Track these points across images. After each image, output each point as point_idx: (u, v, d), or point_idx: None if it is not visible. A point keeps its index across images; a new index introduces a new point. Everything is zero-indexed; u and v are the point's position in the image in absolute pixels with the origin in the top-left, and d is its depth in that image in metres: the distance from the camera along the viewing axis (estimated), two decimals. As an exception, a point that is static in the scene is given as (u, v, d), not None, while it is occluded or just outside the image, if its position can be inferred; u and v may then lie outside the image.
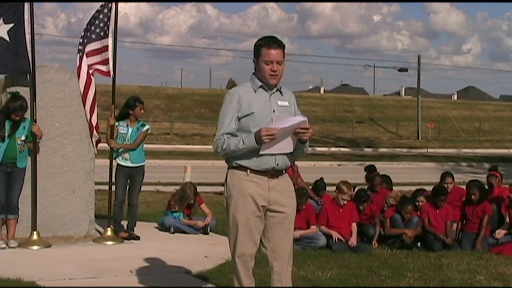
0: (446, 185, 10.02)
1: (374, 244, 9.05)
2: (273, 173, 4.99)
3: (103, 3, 8.74)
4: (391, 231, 9.17)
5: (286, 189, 5.09)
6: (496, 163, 17.54)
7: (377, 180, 10.15)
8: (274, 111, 4.97)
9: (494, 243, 9.36)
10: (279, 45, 4.97)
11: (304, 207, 8.67)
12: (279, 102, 5.03)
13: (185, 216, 9.78)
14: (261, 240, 5.04)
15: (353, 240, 8.61)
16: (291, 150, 5.01)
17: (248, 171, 4.93)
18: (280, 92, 5.07)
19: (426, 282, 7.10)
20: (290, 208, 5.09)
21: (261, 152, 4.87)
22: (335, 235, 8.72)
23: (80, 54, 8.66)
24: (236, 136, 4.90)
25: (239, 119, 4.92)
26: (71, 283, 6.58)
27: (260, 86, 5.00)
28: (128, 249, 8.35)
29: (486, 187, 10.62)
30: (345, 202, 8.92)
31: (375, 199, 9.70)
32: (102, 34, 8.61)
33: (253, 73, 5.06)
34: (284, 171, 5.08)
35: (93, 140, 8.82)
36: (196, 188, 10.06)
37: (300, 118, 4.91)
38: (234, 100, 4.94)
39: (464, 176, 18.58)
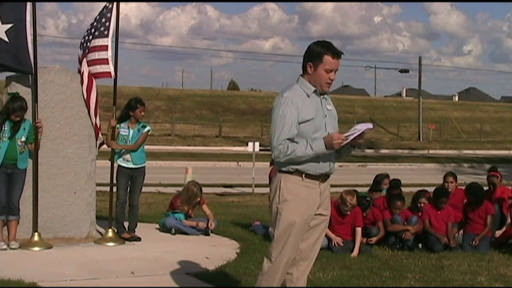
0: (447, 184, 9.99)
1: (371, 241, 8.99)
2: (325, 177, 5.00)
3: (105, 4, 8.73)
4: (393, 227, 9.15)
5: (329, 192, 5.12)
6: (497, 164, 17.51)
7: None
8: (325, 116, 4.96)
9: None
10: (340, 55, 4.93)
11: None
12: (327, 107, 5.03)
13: (186, 217, 9.78)
14: None
15: (355, 253, 8.53)
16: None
17: (304, 175, 4.88)
18: (325, 96, 5.07)
19: (427, 283, 7.09)
20: (330, 211, 5.15)
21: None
22: (336, 239, 8.68)
23: (80, 56, 8.65)
24: (295, 141, 4.82)
25: (299, 124, 4.83)
26: (72, 284, 6.58)
27: (314, 91, 4.95)
28: (129, 250, 8.35)
29: (488, 187, 10.63)
30: (348, 212, 8.81)
31: (377, 203, 9.63)
32: (101, 34, 8.55)
33: (301, 76, 4.99)
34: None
35: (98, 142, 8.82)
36: (199, 185, 10.08)
37: (369, 125, 4.88)
38: (292, 105, 4.82)
39: (465, 177, 18.58)
